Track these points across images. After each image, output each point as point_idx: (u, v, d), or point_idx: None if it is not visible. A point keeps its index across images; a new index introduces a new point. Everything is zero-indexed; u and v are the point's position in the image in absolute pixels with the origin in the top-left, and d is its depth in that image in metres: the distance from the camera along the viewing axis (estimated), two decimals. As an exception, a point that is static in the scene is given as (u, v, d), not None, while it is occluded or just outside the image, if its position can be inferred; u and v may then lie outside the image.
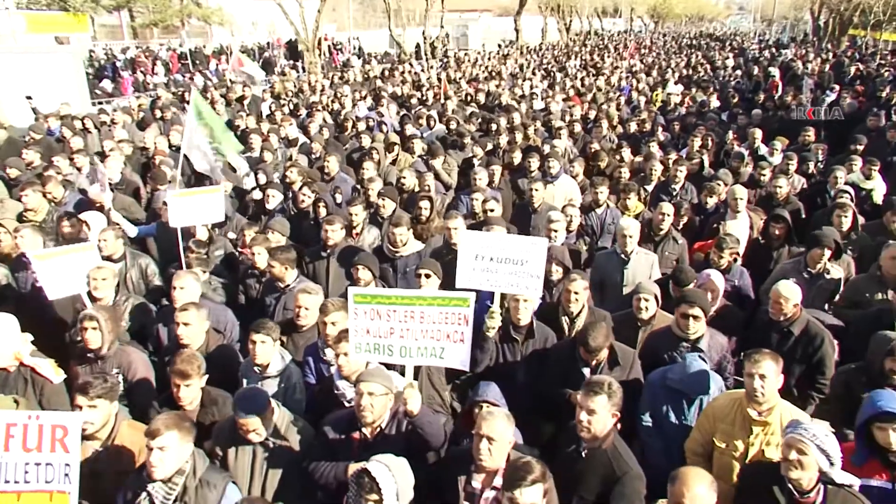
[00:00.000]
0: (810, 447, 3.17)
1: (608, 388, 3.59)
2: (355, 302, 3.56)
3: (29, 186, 7.34)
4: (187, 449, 3.43)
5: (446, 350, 3.61)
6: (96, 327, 4.39)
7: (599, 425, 3.58)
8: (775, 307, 4.89)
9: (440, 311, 3.53)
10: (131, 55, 30.38)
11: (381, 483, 3.04)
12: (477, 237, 4.51)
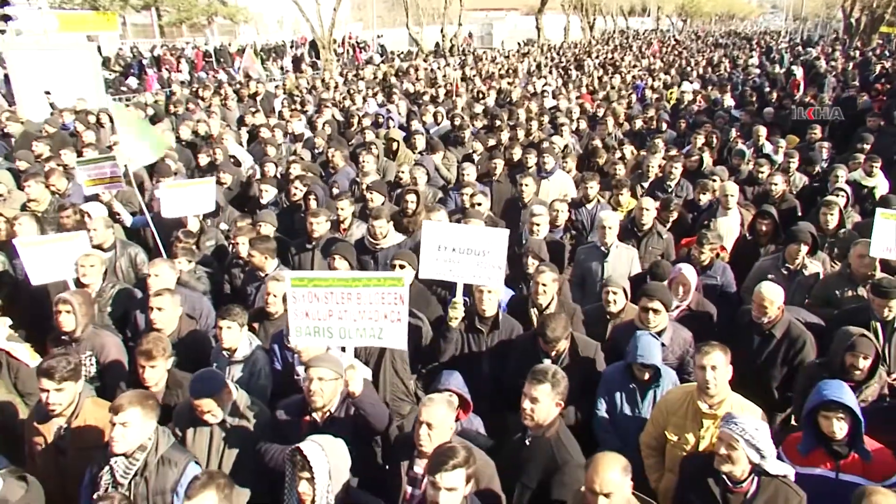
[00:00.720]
0: (739, 442, 3.18)
1: (552, 377, 3.62)
2: (293, 286, 3.65)
3: (31, 177, 7.59)
4: (150, 426, 3.53)
5: (385, 330, 3.69)
6: (70, 311, 4.54)
7: (542, 413, 3.61)
8: (759, 310, 4.81)
9: (376, 291, 3.61)
10: (158, 53, 31.03)
11: (312, 461, 3.12)
12: (439, 228, 4.57)
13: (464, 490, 2.93)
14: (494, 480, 3.55)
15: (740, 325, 5.06)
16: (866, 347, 4.13)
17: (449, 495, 2.86)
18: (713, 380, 3.73)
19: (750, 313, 4.94)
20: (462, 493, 2.92)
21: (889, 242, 5.36)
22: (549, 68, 23.17)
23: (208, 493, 2.86)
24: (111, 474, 3.48)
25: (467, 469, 2.92)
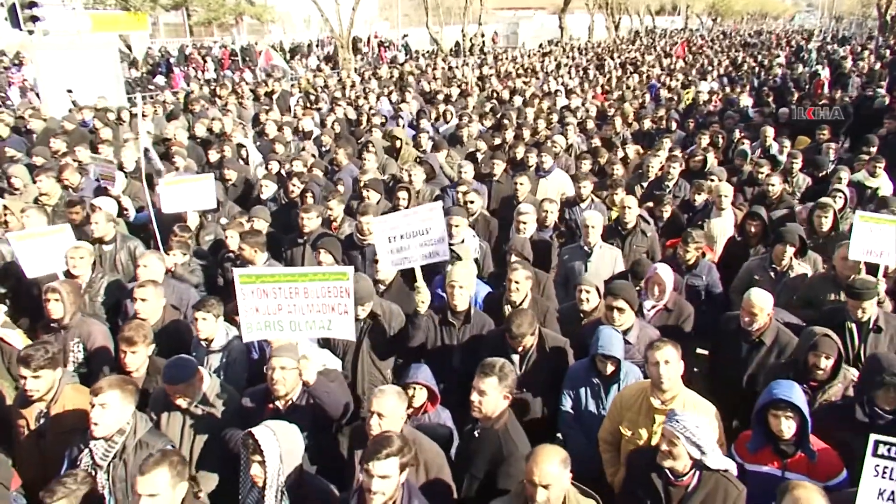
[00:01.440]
0: (680, 438, 3.24)
1: (499, 371, 3.72)
2: (241, 283, 3.79)
3: (43, 172, 7.89)
4: (128, 410, 3.69)
5: (333, 322, 3.82)
6: (58, 299, 4.76)
7: (490, 406, 3.70)
8: (749, 317, 4.74)
9: (322, 285, 3.74)
10: (189, 52, 31.68)
11: (263, 445, 3.26)
12: (382, 221, 4.72)
13: (398, 478, 3.03)
14: (444, 470, 3.65)
15: (727, 331, 5.01)
16: (828, 347, 4.14)
17: (381, 482, 2.96)
18: (665, 375, 3.79)
19: (736, 320, 4.89)
20: (396, 481, 3.01)
21: (869, 245, 5.33)
22: (568, 68, 23.09)
23: (160, 470, 3.00)
24: (90, 457, 3.65)
25: (401, 458, 3.01)
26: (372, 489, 2.95)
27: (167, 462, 3.04)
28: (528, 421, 4.54)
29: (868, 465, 2.57)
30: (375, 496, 2.95)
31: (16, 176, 8.39)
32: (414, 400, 4.23)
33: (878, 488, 2.58)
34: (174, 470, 3.05)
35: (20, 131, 11.66)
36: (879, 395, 3.75)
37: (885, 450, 2.54)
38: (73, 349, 4.80)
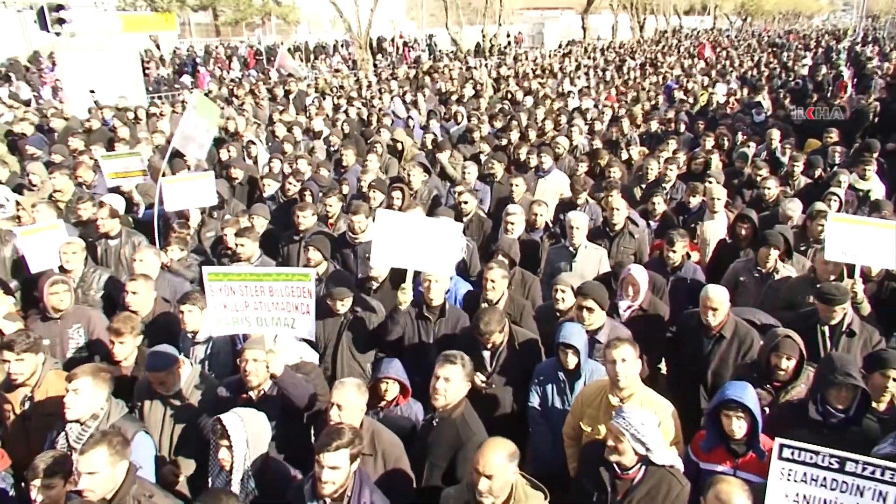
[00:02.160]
0: (625, 435, 3.35)
1: (461, 359, 3.89)
2: (210, 280, 3.97)
3: (57, 169, 8.23)
4: (101, 395, 3.91)
5: (297, 320, 3.99)
6: (68, 290, 5.03)
7: (453, 393, 3.85)
8: (708, 312, 4.87)
9: (286, 285, 3.91)
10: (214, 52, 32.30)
11: (230, 430, 3.46)
12: (392, 218, 4.85)
13: (348, 468, 3.18)
14: (402, 460, 3.81)
15: (689, 328, 5.13)
16: (790, 349, 4.20)
17: (332, 473, 3.12)
18: (622, 373, 3.88)
19: (697, 316, 5.01)
20: (346, 471, 3.17)
21: (844, 246, 5.35)
22: (587, 69, 23.05)
23: (99, 449, 3.19)
24: (66, 439, 3.89)
25: (351, 449, 3.16)
26: (323, 478, 3.12)
27: (106, 442, 3.22)
28: (498, 416, 4.70)
29: (774, 467, 2.64)
30: (326, 485, 3.12)
31: (34, 173, 8.75)
32: (386, 394, 4.40)
33: (784, 491, 2.65)
34: (113, 449, 3.22)
35: (43, 130, 12.08)
36: (832, 393, 3.80)
37: (790, 453, 2.61)
38: (72, 336, 5.05)
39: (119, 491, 3.23)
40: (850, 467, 2.52)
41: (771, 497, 2.68)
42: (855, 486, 2.52)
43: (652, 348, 5.28)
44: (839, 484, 2.55)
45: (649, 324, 5.30)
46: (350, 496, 3.20)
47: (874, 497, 2.50)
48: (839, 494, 2.56)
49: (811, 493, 2.61)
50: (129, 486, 3.25)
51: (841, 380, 3.73)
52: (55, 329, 5.09)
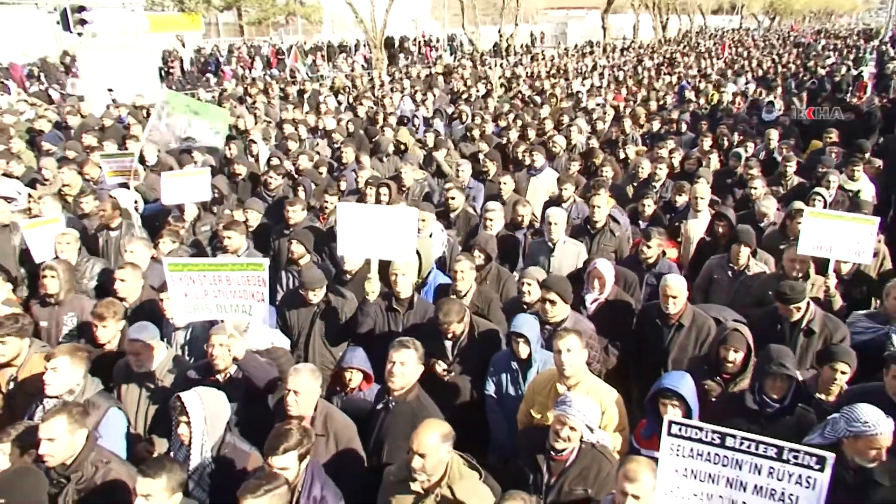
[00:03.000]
0: (576, 422, 3.51)
1: (413, 344, 4.10)
2: (170, 270, 4.21)
3: (66, 164, 8.60)
4: (78, 373, 4.17)
5: (253, 307, 4.23)
6: (55, 276, 5.33)
7: (409, 376, 4.06)
8: (666, 301, 5.03)
9: (242, 274, 4.14)
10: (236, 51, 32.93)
11: (189, 407, 3.69)
12: (353, 209, 5.06)
13: (297, 467, 3.37)
14: (354, 441, 4.02)
15: (649, 318, 5.29)
16: (737, 341, 4.33)
17: (281, 473, 3.31)
18: (567, 362, 4.04)
19: (657, 308, 5.18)
20: (295, 471, 3.36)
21: (818, 241, 5.44)
22: (602, 69, 23.06)
23: (59, 417, 3.43)
24: (43, 412, 4.15)
25: (299, 450, 3.35)
26: None
27: (66, 411, 3.47)
28: (458, 404, 4.88)
29: (664, 443, 2.79)
30: None
31: (45, 167, 9.14)
32: (350, 382, 4.63)
33: (674, 466, 2.79)
34: (72, 418, 3.46)
35: (61, 127, 12.55)
36: (767, 383, 3.93)
37: (677, 429, 2.75)
38: (66, 322, 5.35)
39: (78, 457, 3.48)
40: (730, 442, 2.66)
41: (662, 471, 2.82)
42: (734, 459, 2.66)
43: (618, 340, 5.45)
44: (721, 458, 2.69)
45: (615, 317, 5.44)
46: (301, 491, 3.38)
47: (750, 469, 2.64)
48: (721, 468, 2.70)
49: (697, 467, 2.75)
50: (87, 452, 3.50)
51: (775, 370, 3.86)
52: (52, 314, 5.39)
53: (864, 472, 3.38)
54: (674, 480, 2.80)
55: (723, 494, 2.73)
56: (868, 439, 3.32)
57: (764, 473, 2.62)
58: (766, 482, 2.63)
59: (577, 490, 3.56)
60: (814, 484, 2.55)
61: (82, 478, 3.45)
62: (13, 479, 3.32)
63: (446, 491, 3.34)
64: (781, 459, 2.59)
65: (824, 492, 2.54)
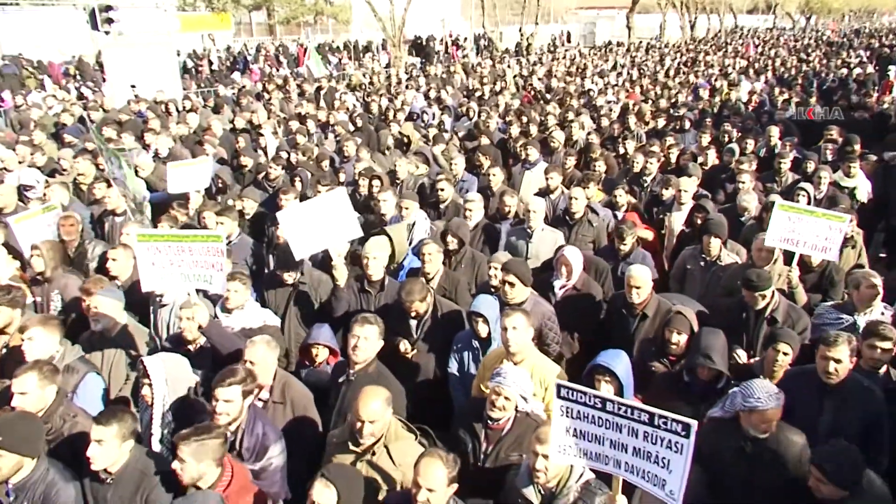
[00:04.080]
0: (510, 392, 3.73)
1: (375, 321, 4.34)
2: (139, 240, 4.52)
3: (80, 155, 9.06)
4: (53, 339, 4.47)
5: (213, 277, 4.51)
6: (40, 255, 5.70)
7: (370, 349, 4.31)
8: (631, 291, 5.17)
9: (203, 245, 4.43)
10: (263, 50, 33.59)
11: (150, 371, 4.00)
12: (290, 212, 5.43)
13: (241, 403, 3.68)
14: (310, 408, 4.29)
15: (616, 309, 5.45)
16: (680, 324, 4.50)
17: (225, 405, 3.64)
18: (512, 339, 4.24)
19: (623, 298, 5.32)
20: (239, 405, 3.67)
21: (785, 233, 5.53)
22: (623, 67, 23.04)
23: (30, 374, 3.76)
24: None
25: (243, 386, 3.67)
26: (217, 410, 3.62)
27: (37, 368, 3.80)
28: (422, 381, 5.12)
29: (555, 405, 2.96)
30: (221, 416, 3.64)
31: (63, 158, 9.64)
32: (317, 357, 4.93)
33: (564, 426, 2.97)
34: (42, 374, 3.79)
35: (84, 120, 13.11)
36: (696, 370, 4.10)
37: (565, 392, 2.92)
38: (53, 299, 5.72)
39: (48, 410, 3.80)
40: (610, 407, 2.81)
41: (554, 431, 3.00)
42: (615, 423, 2.82)
43: (584, 326, 5.63)
44: (603, 421, 2.85)
45: (582, 303, 5.61)
46: (244, 429, 3.67)
47: (629, 433, 2.79)
48: (604, 430, 2.86)
49: (583, 428, 2.91)
50: (56, 406, 3.83)
51: (700, 362, 4.03)
52: (43, 291, 5.78)
53: (759, 441, 3.54)
54: (564, 439, 2.99)
55: (608, 455, 2.91)
56: (759, 413, 3.52)
57: (640, 437, 2.78)
58: (642, 445, 2.80)
59: (512, 456, 3.77)
60: (681, 449, 2.70)
61: (52, 429, 3.77)
62: (11, 420, 3.52)
63: (382, 451, 3.58)
64: (653, 425, 2.75)
65: (689, 456, 2.68)
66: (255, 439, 3.65)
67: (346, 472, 3.09)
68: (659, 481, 2.81)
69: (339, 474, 3.00)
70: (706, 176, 9.13)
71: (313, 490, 2.96)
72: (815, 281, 6.00)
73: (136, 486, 3.43)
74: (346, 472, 3.10)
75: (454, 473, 3.11)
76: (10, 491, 3.32)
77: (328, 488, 2.93)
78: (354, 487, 3.02)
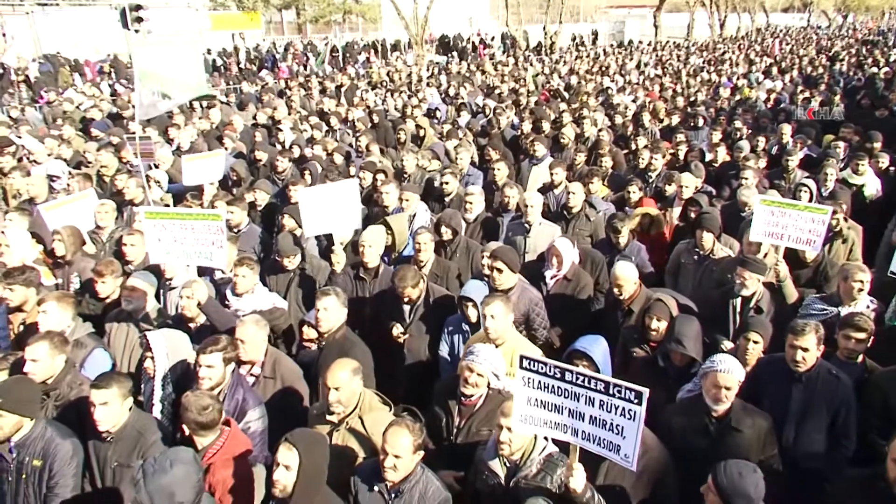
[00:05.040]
0: (482, 369, 3.91)
1: (335, 291, 4.61)
2: (146, 217, 4.81)
3: (104, 148, 9.47)
4: (66, 315, 4.78)
5: (213, 254, 4.78)
6: (61, 240, 6.04)
7: (333, 319, 4.57)
8: (616, 288, 5.32)
9: (204, 224, 4.71)
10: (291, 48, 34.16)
11: (152, 344, 4.27)
12: (307, 193, 5.63)
13: (223, 369, 3.95)
14: (298, 382, 4.53)
15: (609, 303, 5.60)
16: (660, 311, 4.63)
17: (208, 370, 3.91)
18: (491, 326, 4.41)
19: (612, 293, 5.46)
20: (221, 371, 3.94)
21: (769, 228, 5.61)
22: (646, 66, 22.96)
23: (42, 343, 4.06)
24: None
25: (224, 354, 3.94)
26: (200, 375, 3.88)
27: (48, 338, 4.09)
28: (415, 363, 5.33)
29: (517, 376, 3.12)
30: (204, 380, 3.90)
31: (88, 151, 10.08)
32: (305, 335, 5.19)
33: (526, 396, 3.13)
34: (53, 344, 4.09)
35: (114, 116, 13.61)
36: (670, 354, 4.24)
37: (527, 363, 3.08)
38: (73, 280, 6.05)
39: (57, 377, 4.11)
40: (568, 377, 2.96)
41: (517, 401, 3.17)
42: (573, 392, 2.97)
43: (575, 315, 5.76)
44: (562, 391, 3.00)
45: (572, 292, 5.75)
46: (226, 393, 3.94)
47: (586, 402, 2.95)
48: (564, 399, 3.01)
49: (544, 398, 3.06)
50: (64, 374, 4.14)
51: (672, 347, 4.17)
52: (63, 273, 6.11)
53: (723, 420, 3.67)
54: (526, 410, 3.15)
55: (567, 423, 3.07)
56: (712, 376, 3.64)
57: (596, 406, 2.94)
58: (598, 413, 2.95)
59: (483, 431, 3.94)
60: (633, 415, 2.86)
61: (60, 395, 4.08)
62: (9, 384, 3.84)
63: (356, 422, 3.79)
64: (609, 393, 2.90)
65: (641, 422, 2.84)
66: (234, 403, 3.91)
67: (308, 437, 3.27)
68: (614, 447, 2.98)
69: (300, 438, 3.20)
70: (716, 172, 9.21)
71: (278, 453, 3.18)
72: (809, 276, 6.07)
73: (134, 444, 3.73)
74: (308, 436, 3.29)
75: (420, 441, 3.31)
76: (13, 448, 3.62)
77: (290, 451, 3.14)
78: (316, 450, 3.20)
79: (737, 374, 3.68)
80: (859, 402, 4.12)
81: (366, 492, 3.44)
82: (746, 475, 3.07)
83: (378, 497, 3.41)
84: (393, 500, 3.38)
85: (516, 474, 3.47)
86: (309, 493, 3.15)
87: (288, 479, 3.13)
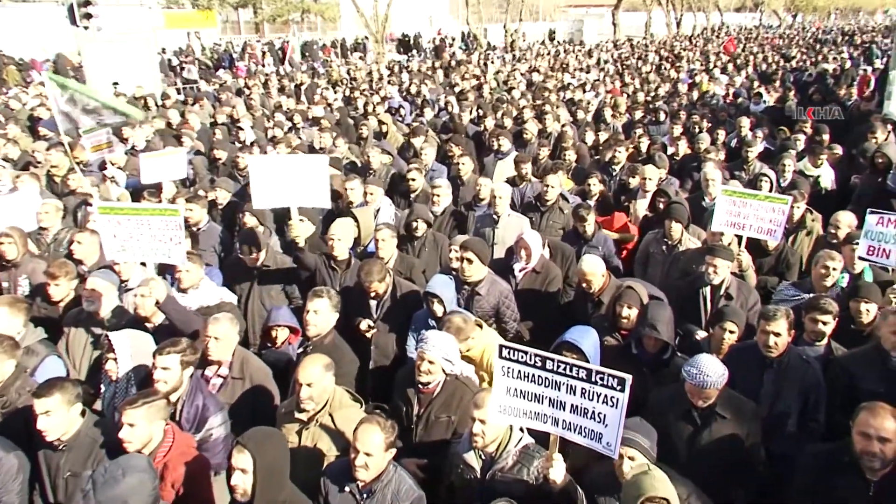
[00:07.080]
0: (433, 355, 3.84)
1: (327, 293, 4.47)
2: (100, 213, 4.60)
3: (53, 147, 9.15)
4: (17, 322, 4.55)
5: (171, 250, 4.58)
6: (12, 241, 5.75)
7: (323, 322, 4.45)
8: (584, 282, 5.32)
9: (161, 219, 4.51)
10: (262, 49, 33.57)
11: (115, 345, 4.07)
12: (264, 162, 5.44)
13: (180, 372, 3.78)
14: (267, 382, 4.37)
15: (579, 294, 5.58)
16: (630, 298, 4.61)
17: (163, 373, 3.74)
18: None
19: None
20: (177, 374, 3.77)
21: (732, 218, 5.66)
22: (606, 63, 23.21)
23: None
24: None
25: (182, 356, 3.77)
26: (155, 377, 3.72)
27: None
28: (383, 359, 5.20)
29: (496, 366, 3.05)
30: (158, 383, 3.73)
31: (37, 150, 9.70)
32: (277, 339, 5.03)
33: (506, 386, 3.06)
34: (1, 348, 3.88)
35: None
36: (643, 339, 4.23)
37: (507, 353, 3.01)
38: (21, 283, 5.77)
39: (4, 383, 3.89)
40: (549, 365, 2.90)
41: (496, 391, 3.09)
42: (554, 381, 2.91)
43: (544, 307, 5.72)
44: (543, 380, 2.93)
45: (541, 284, 5.71)
46: (185, 400, 3.78)
47: (567, 391, 2.89)
48: (544, 389, 2.95)
49: (524, 388, 2.99)
50: (13, 379, 3.92)
51: (646, 332, 4.16)
52: (10, 276, 5.81)
53: (706, 409, 3.69)
54: (505, 400, 3.08)
55: (547, 413, 3.00)
56: (692, 386, 3.64)
57: (578, 394, 2.88)
58: (580, 402, 2.89)
59: (442, 417, 3.93)
60: (616, 403, 2.81)
61: (7, 402, 3.86)
62: None
63: (327, 419, 3.67)
64: (591, 381, 2.84)
65: (624, 410, 2.79)
66: (194, 410, 3.75)
67: (258, 435, 3.14)
68: (596, 435, 2.92)
69: (250, 438, 3.07)
70: (677, 165, 9.31)
71: (231, 457, 3.06)
72: (772, 264, 6.15)
73: (88, 452, 3.52)
74: (259, 434, 3.15)
75: (391, 439, 3.21)
76: None
77: (242, 453, 3.01)
78: (269, 448, 3.08)
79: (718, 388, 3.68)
80: (825, 383, 4.17)
81: (336, 492, 3.33)
82: None
83: (349, 497, 3.30)
84: (364, 500, 3.28)
85: (492, 467, 3.40)
86: (271, 492, 3.04)
87: (246, 483, 3.02)
